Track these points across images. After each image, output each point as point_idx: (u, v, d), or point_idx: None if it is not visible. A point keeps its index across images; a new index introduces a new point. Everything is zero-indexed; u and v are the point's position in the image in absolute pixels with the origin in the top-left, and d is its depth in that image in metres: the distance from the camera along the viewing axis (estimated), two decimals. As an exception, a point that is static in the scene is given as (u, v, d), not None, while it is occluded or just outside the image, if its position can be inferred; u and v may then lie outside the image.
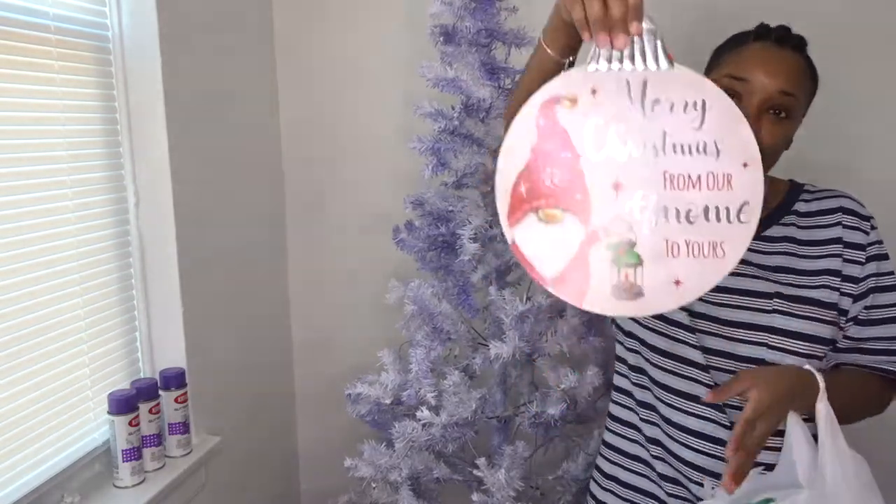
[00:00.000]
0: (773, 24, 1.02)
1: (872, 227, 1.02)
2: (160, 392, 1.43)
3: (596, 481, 1.20)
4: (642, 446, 1.11)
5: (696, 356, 1.02)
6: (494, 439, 1.60)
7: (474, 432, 1.53)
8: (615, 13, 0.74)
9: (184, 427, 1.47)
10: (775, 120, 0.97)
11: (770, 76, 0.96)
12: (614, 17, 0.74)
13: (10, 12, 1.15)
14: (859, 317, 1.01)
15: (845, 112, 1.56)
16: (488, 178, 1.51)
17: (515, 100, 0.92)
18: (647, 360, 1.09)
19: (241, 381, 1.76)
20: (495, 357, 1.41)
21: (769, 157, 1.00)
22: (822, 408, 0.90)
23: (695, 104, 0.75)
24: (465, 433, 1.49)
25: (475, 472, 1.43)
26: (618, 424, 1.17)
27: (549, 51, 0.86)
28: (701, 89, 0.75)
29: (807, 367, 0.93)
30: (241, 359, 1.75)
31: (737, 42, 1.03)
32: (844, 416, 1.00)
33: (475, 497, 1.43)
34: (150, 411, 1.40)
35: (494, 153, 1.50)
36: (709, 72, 1.06)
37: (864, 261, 1.01)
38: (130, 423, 1.34)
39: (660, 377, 1.07)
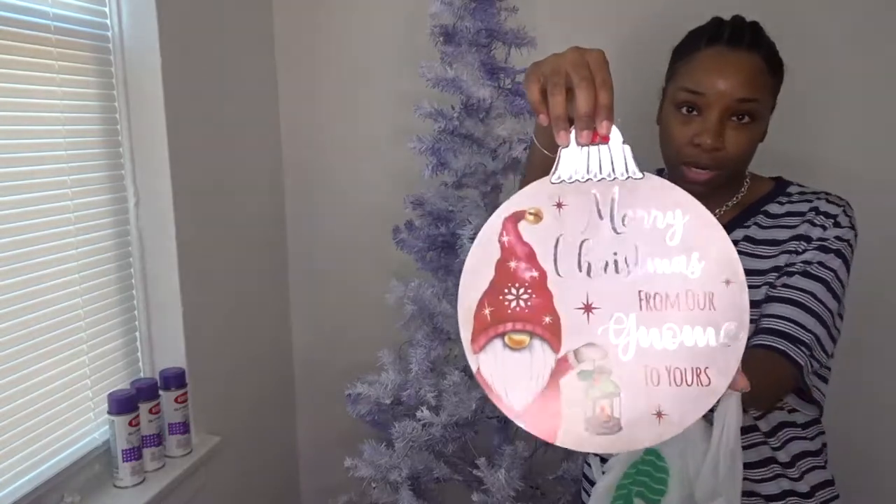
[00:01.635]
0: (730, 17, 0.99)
1: (836, 225, 0.97)
2: (160, 392, 1.43)
3: (585, 490, 1.20)
4: None
5: None
6: (494, 439, 1.60)
7: (474, 432, 1.53)
8: (581, 109, 0.68)
9: (184, 427, 1.47)
10: (738, 126, 0.94)
11: (726, 85, 0.92)
12: (580, 112, 0.68)
13: (10, 12, 1.15)
14: (769, 293, 0.95)
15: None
16: (487, 178, 1.51)
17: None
18: None
19: (241, 381, 1.76)
20: (495, 357, 1.41)
21: (739, 162, 0.98)
22: (734, 402, 0.81)
23: (668, 216, 0.68)
24: (465, 433, 1.49)
25: (475, 472, 1.43)
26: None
27: (543, 150, 0.82)
28: (673, 199, 0.69)
29: None
30: (241, 359, 1.75)
31: (690, 47, 0.99)
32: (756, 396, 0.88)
33: (475, 497, 1.43)
34: (150, 411, 1.40)
35: (493, 153, 1.50)
36: (668, 78, 1.03)
37: (801, 251, 0.96)
38: (130, 423, 1.34)
39: None
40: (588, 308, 0.69)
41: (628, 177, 0.69)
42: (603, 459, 0.96)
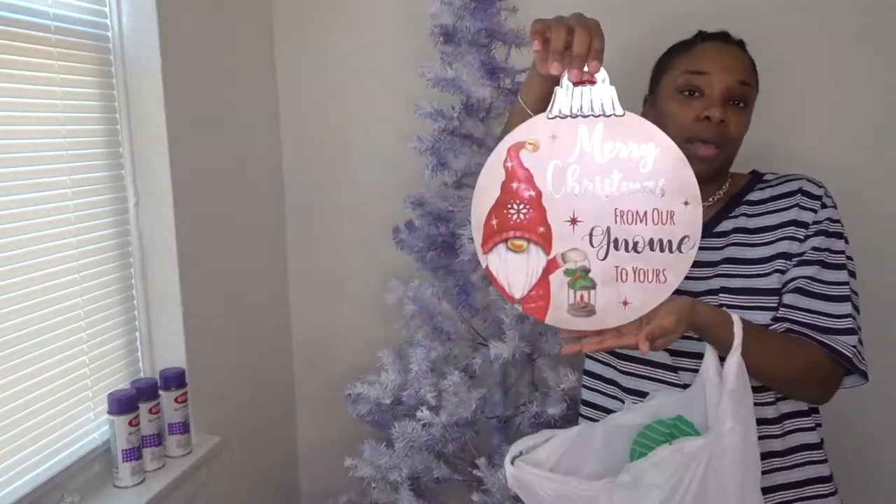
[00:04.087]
0: (710, 31, 1.10)
1: (823, 206, 1.03)
2: (160, 392, 1.43)
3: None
4: None
5: (664, 357, 1.05)
6: (494, 439, 1.60)
7: (474, 432, 1.53)
8: (577, 49, 0.81)
9: (184, 427, 1.47)
10: (737, 110, 1.03)
11: (727, 69, 1.02)
12: (575, 52, 0.81)
13: (10, 12, 1.15)
14: (798, 285, 1.00)
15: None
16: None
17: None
18: (618, 370, 1.12)
19: (241, 381, 1.76)
20: (495, 357, 1.41)
21: (736, 145, 1.06)
22: (733, 363, 0.88)
23: (642, 148, 0.83)
24: (465, 433, 1.49)
25: (475, 472, 1.43)
26: None
27: (526, 108, 0.94)
28: (649, 134, 0.83)
29: (734, 316, 0.91)
30: (241, 359, 1.75)
31: (684, 45, 1.08)
32: (771, 376, 0.97)
33: (475, 497, 1.43)
34: (150, 411, 1.40)
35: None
36: (656, 81, 1.10)
37: (802, 238, 1.02)
38: (130, 423, 1.34)
39: (631, 384, 1.10)
40: (574, 221, 0.86)
41: (612, 114, 0.84)
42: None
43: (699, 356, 1.00)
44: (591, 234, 0.85)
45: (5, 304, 1.16)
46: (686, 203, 0.83)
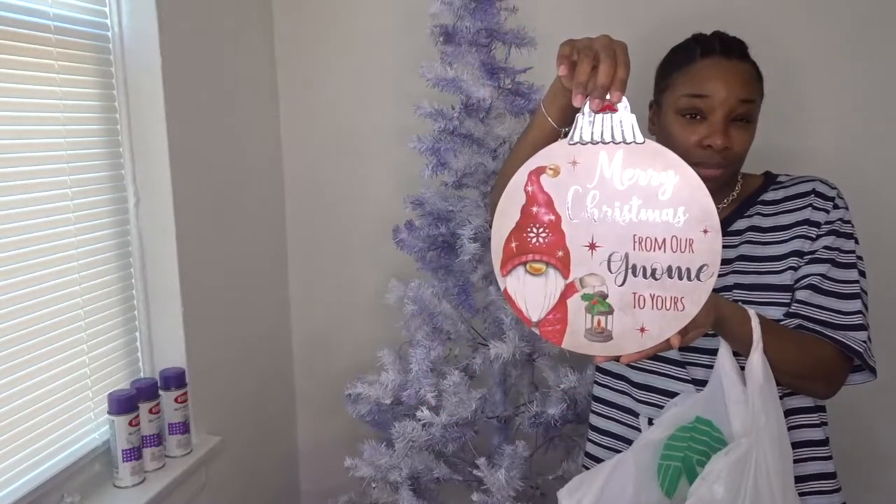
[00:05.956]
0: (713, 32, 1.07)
1: (836, 207, 1.05)
2: (160, 392, 1.43)
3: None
4: None
5: (672, 352, 1.06)
6: (494, 439, 1.60)
7: (474, 432, 1.53)
8: (601, 80, 0.82)
9: (184, 427, 1.47)
10: (741, 127, 1.02)
11: (728, 89, 1.00)
12: (598, 82, 0.82)
13: (10, 12, 1.15)
14: (811, 282, 1.02)
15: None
16: (487, 178, 1.51)
17: (509, 166, 0.99)
18: (627, 365, 1.11)
19: (241, 381, 1.76)
20: (495, 357, 1.41)
21: (740, 161, 1.05)
22: (757, 359, 0.90)
23: (661, 175, 0.84)
24: (465, 433, 1.49)
25: (475, 472, 1.43)
26: (598, 434, 1.19)
27: (547, 117, 0.94)
28: (668, 162, 0.84)
29: (751, 311, 0.94)
30: (241, 359, 1.75)
31: (683, 59, 1.06)
32: (781, 370, 0.98)
33: (475, 497, 1.43)
34: (150, 411, 1.40)
35: (493, 153, 1.50)
36: (659, 92, 1.09)
37: (814, 237, 1.03)
38: (130, 423, 1.34)
39: (640, 379, 1.11)
40: (592, 246, 0.86)
41: (632, 141, 0.84)
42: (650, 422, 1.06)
43: (707, 351, 1.03)
44: (609, 260, 0.85)
45: (5, 304, 1.16)
46: (705, 231, 0.83)
